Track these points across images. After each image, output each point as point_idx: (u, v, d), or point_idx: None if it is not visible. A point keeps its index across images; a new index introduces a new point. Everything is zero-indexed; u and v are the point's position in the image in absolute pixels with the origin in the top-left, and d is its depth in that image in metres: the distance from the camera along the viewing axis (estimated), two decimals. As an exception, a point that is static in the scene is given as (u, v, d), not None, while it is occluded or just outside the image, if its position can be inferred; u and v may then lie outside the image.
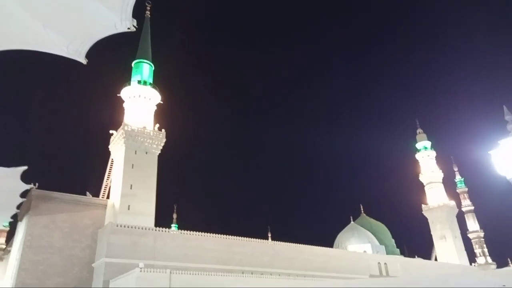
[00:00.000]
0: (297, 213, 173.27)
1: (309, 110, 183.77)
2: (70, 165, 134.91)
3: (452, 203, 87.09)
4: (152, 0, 60.70)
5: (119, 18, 7.02)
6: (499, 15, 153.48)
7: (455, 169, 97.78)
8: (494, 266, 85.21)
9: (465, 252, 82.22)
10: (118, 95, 54.29)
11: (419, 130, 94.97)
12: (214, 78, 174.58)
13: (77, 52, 7.51)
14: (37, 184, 42.30)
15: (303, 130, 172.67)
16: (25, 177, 18.50)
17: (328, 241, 73.29)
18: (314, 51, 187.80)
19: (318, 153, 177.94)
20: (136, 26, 7.20)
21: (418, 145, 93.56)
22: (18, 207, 23.82)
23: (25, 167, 17.74)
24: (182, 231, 43.92)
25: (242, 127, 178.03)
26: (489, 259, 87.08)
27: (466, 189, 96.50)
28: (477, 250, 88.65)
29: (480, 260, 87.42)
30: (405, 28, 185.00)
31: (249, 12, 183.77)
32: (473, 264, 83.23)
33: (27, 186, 20.05)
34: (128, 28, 7.10)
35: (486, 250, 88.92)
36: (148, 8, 60.34)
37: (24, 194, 21.73)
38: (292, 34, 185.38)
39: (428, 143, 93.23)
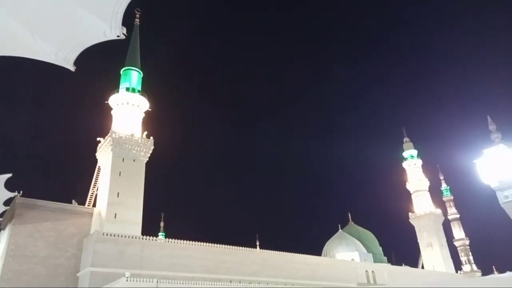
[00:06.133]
0: (286, 222, 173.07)
1: (297, 120, 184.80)
2: (56, 172, 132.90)
3: (438, 211, 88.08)
4: (141, 7, 60.71)
5: (108, 26, 7.00)
6: (485, 27, 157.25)
7: (441, 177, 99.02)
8: (479, 273, 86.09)
9: (451, 260, 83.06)
10: (106, 102, 53.91)
11: (406, 139, 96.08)
12: (203, 85, 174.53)
13: (66, 60, 7.46)
14: (21, 192, 41.59)
15: (290, 139, 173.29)
16: (9, 185, 18.21)
17: (316, 249, 73.43)
18: (302, 61, 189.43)
19: (306, 162, 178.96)
20: (126, 34, 7.20)
21: (405, 154, 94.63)
22: (1, 215, 23.38)
23: (9, 175, 17.48)
24: (170, 239, 43.50)
25: (230, 135, 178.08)
26: (475, 267, 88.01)
27: (452, 197, 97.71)
28: (463, 258, 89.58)
29: (466, 267, 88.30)
30: (391, 39, 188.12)
31: (240, 20, 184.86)
32: (459, 271, 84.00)
33: (11, 194, 19.74)
34: (118, 36, 7.08)
35: (471, 258, 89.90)
36: (138, 15, 60.28)
37: (7, 202, 21.36)
38: (282, 43, 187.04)
39: (414, 152, 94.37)
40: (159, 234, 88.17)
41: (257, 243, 79.95)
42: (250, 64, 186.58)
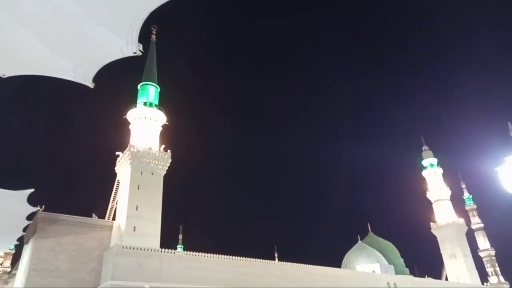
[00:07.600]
0: (304, 233, 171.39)
1: (315, 128, 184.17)
2: (76, 187, 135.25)
3: (461, 220, 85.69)
4: (157, 23, 61.96)
5: (125, 43, 7.19)
6: (504, 32, 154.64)
7: (463, 186, 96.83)
8: (507, 285, 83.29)
9: (476, 272, 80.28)
10: (124, 117, 54.90)
11: (424, 147, 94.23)
12: (219, 98, 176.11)
13: (84, 77, 7.67)
14: (43, 206, 42.33)
15: (309, 148, 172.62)
16: (31, 200, 18.59)
17: (336, 261, 72.25)
18: (318, 67, 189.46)
19: (325, 172, 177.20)
20: (142, 51, 7.36)
21: (425, 162, 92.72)
22: (24, 229, 23.83)
23: (31, 190, 17.85)
24: (188, 252, 43.51)
25: (247, 147, 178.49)
26: (502, 279, 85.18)
27: (475, 206, 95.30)
28: (489, 269, 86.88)
29: (493, 279, 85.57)
30: (411, 45, 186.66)
31: (253, 32, 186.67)
32: (485, 283, 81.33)
33: (34, 209, 20.10)
34: (134, 53, 7.26)
35: (498, 269, 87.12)
36: (154, 32, 61.50)
37: (30, 217, 21.77)
38: (296, 50, 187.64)
39: (434, 160, 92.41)
40: (178, 246, 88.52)
41: (276, 255, 79.42)
42: (266, 75, 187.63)
